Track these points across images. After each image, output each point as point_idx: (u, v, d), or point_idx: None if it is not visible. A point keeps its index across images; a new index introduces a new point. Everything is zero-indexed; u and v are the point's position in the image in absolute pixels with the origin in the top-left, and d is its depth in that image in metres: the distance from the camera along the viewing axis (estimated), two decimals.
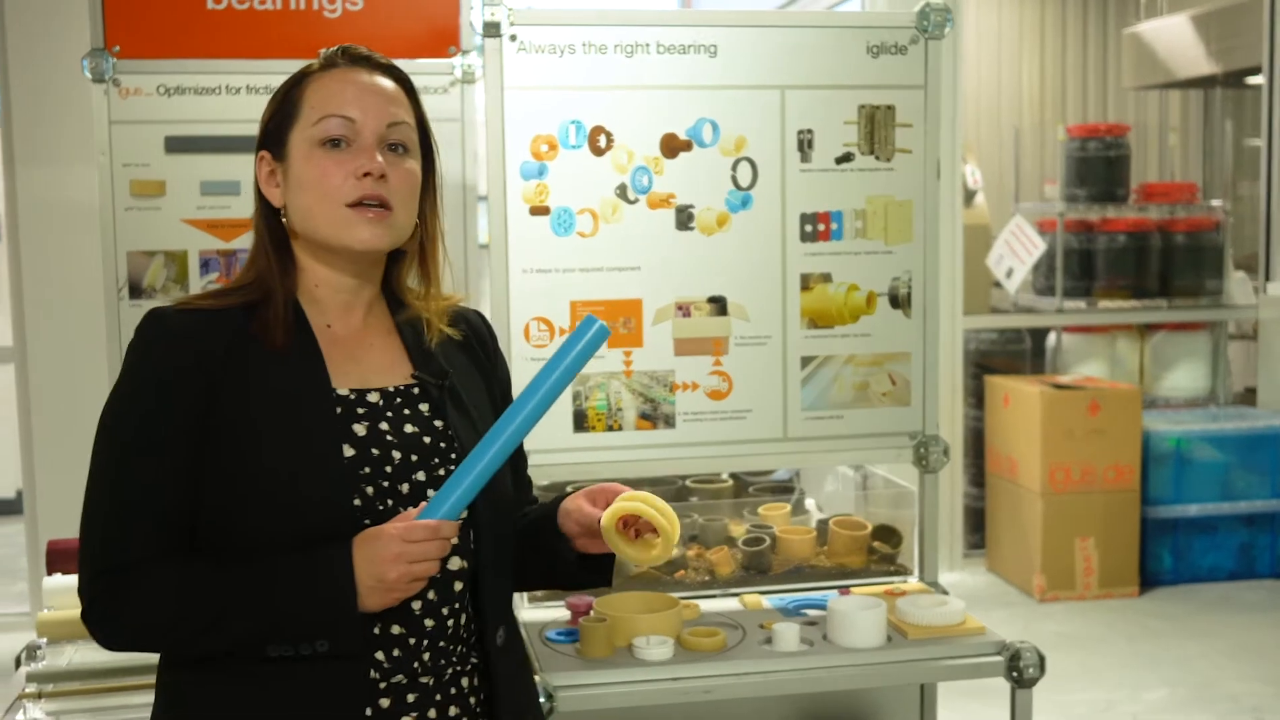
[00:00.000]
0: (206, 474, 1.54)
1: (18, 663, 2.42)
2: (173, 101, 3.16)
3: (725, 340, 2.64)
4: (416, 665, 1.58)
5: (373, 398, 1.63)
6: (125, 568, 1.51)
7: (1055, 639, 5.10)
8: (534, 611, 2.60)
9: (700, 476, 3.06)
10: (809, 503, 3.18)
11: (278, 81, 3.26)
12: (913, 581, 2.79)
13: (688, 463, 2.71)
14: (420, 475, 1.60)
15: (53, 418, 5.35)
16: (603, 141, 2.56)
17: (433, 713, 1.60)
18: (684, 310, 2.62)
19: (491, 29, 2.51)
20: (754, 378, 2.66)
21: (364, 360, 1.66)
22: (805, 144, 2.63)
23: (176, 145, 3.17)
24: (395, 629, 1.57)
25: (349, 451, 1.56)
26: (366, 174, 1.58)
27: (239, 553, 1.52)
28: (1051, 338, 6.45)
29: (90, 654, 2.35)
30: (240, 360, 1.57)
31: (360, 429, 1.59)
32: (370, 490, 1.56)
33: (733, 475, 3.12)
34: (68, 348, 5.33)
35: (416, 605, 1.58)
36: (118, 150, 3.15)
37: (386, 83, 1.65)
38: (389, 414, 1.63)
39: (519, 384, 1.70)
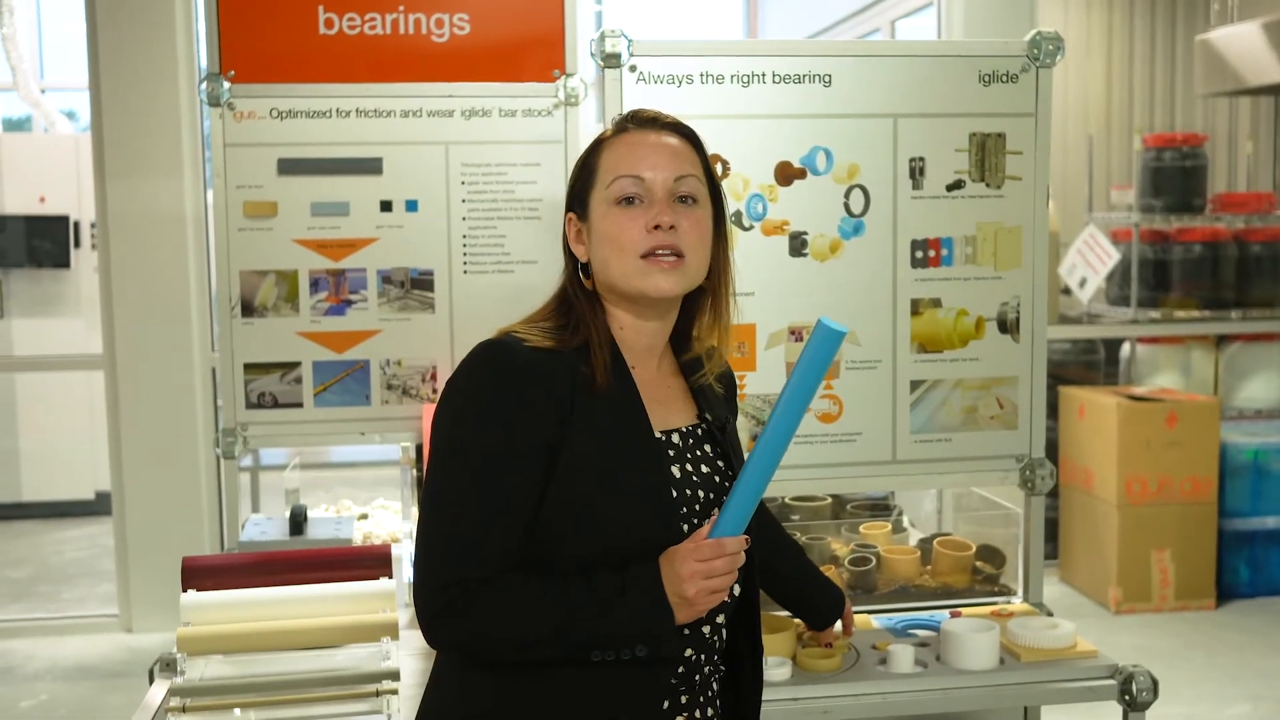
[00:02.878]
0: (547, 503, 1.67)
1: (151, 675, 2.50)
2: (285, 125, 3.23)
3: (837, 364, 2.69)
4: (698, 677, 1.77)
5: (676, 439, 1.78)
6: (477, 579, 1.65)
7: (1132, 652, 5.10)
8: None
9: (799, 494, 3.10)
10: (904, 520, 3.22)
11: (387, 104, 3.35)
12: (1017, 602, 2.82)
13: (799, 484, 2.76)
14: (716, 511, 1.73)
15: (140, 423, 5.47)
16: (719, 170, 2.61)
17: (697, 713, 1.78)
18: (796, 335, 2.67)
19: (612, 60, 2.56)
20: (864, 401, 2.70)
21: (665, 402, 1.81)
22: (917, 171, 2.67)
23: (288, 167, 3.25)
24: (688, 652, 1.74)
25: (672, 493, 1.71)
26: (657, 226, 1.70)
27: (565, 572, 1.66)
28: (1126, 348, 6.43)
29: (225, 669, 2.43)
30: (581, 401, 1.69)
31: (676, 470, 1.74)
32: (686, 528, 1.71)
33: (830, 493, 3.16)
34: (155, 356, 5.45)
35: (706, 629, 1.75)
36: (232, 172, 3.23)
37: (673, 140, 1.78)
38: (689, 455, 1.78)
39: None
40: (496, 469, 1.66)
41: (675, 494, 1.72)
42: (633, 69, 2.58)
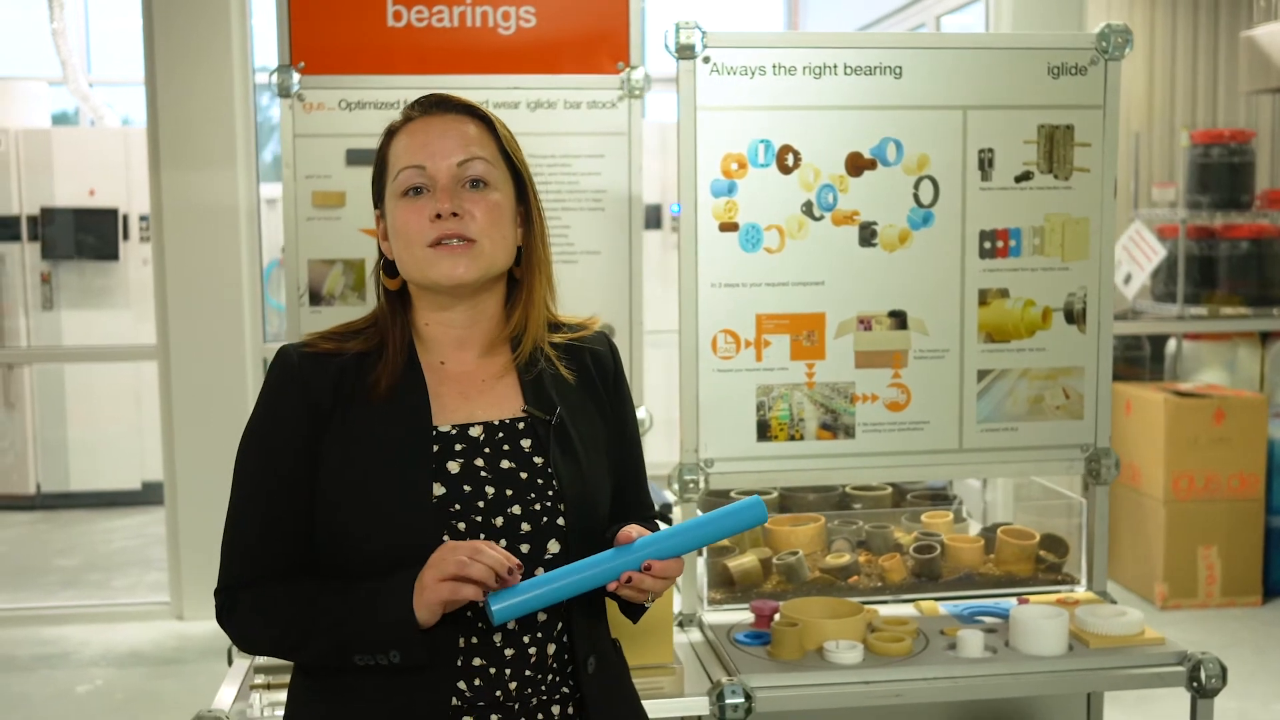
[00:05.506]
0: (317, 506, 1.69)
1: (229, 656, 2.55)
2: (353, 115, 3.27)
3: (905, 353, 2.71)
4: (499, 693, 1.67)
5: (474, 432, 1.71)
6: (239, 585, 1.70)
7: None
8: (718, 614, 2.69)
9: (859, 484, 3.13)
10: (963, 510, 3.24)
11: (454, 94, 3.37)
12: (1080, 591, 2.85)
13: (866, 472, 2.79)
14: (515, 509, 1.68)
15: (192, 413, 5.54)
16: (790, 160, 2.64)
17: None
18: (865, 324, 2.70)
19: (686, 51, 2.60)
20: (932, 390, 2.73)
21: (475, 396, 1.75)
22: (986, 163, 2.70)
23: (356, 158, 3.28)
24: (477, 660, 1.66)
25: (439, 490, 1.66)
26: (439, 215, 1.68)
27: (345, 574, 1.66)
28: (1171, 344, 6.43)
29: None
30: (347, 402, 1.69)
31: (454, 466, 1.68)
32: (462, 525, 1.65)
33: (890, 483, 3.19)
34: (207, 346, 5.52)
35: (497, 637, 1.67)
36: (301, 162, 3.27)
37: (461, 123, 1.73)
38: (487, 449, 1.71)
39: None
40: (259, 476, 1.70)
41: (446, 489, 1.66)
42: (706, 60, 2.61)
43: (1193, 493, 5.62)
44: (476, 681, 1.66)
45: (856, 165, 2.66)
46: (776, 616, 2.53)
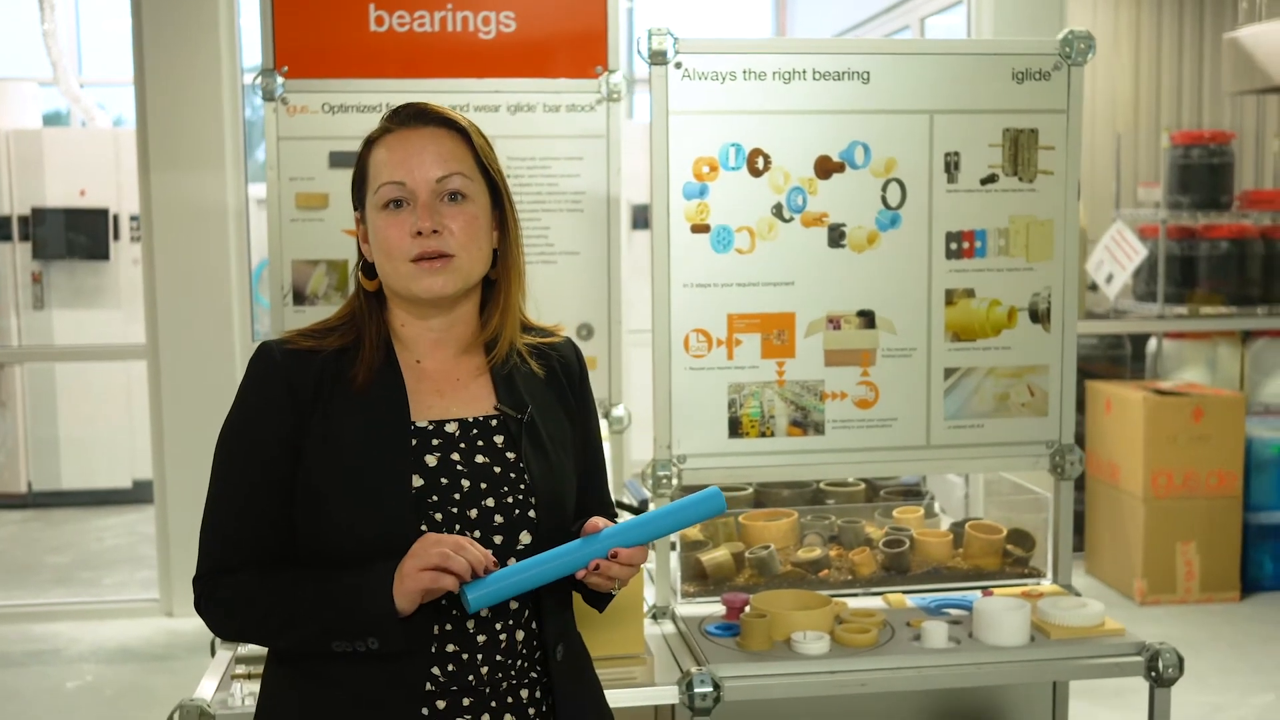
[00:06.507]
0: (297, 496, 1.74)
1: (213, 648, 2.61)
2: (336, 118, 3.33)
3: (873, 352, 2.78)
4: (472, 678, 1.74)
5: (450, 428, 1.78)
6: (217, 573, 1.74)
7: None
8: (690, 607, 2.75)
9: (833, 480, 3.20)
10: (935, 505, 3.30)
11: (435, 99, 3.43)
12: (1046, 584, 2.91)
13: (835, 468, 2.85)
14: (489, 501, 1.75)
15: (182, 412, 5.59)
16: (760, 163, 2.70)
17: (486, 718, 1.74)
18: (834, 323, 2.76)
19: (658, 56, 2.66)
20: (899, 388, 2.79)
21: (450, 393, 1.82)
22: (952, 166, 2.76)
23: (339, 160, 3.34)
24: (450, 647, 1.73)
25: (418, 481, 1.73)
26: (419, 233, 1.73)
27: (324, 563, 1.71)
28: (1152, 343, 6.50)
29: None
30: (328, 396, 1.75)
31: (432, 459, 1.75)
32: (439, 516, 1.72)
33: (863, 479, 3.25)
34: (196, 345, 5.57)
35: (470, 624, 1.73)
36: (285, 165, 3.33)
37: (439, 136, 1.77)
38: (462, 444, 1.77)
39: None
40: (241, 467, 1.75)
41: (424, 482, 1.72)
42: (678, 65, 2.67)
43: (1172, 490, 5.69)
44: (450, 667, 1.72)
45: (825, 168, 2.72)
46: (746, 609, 2.59)
